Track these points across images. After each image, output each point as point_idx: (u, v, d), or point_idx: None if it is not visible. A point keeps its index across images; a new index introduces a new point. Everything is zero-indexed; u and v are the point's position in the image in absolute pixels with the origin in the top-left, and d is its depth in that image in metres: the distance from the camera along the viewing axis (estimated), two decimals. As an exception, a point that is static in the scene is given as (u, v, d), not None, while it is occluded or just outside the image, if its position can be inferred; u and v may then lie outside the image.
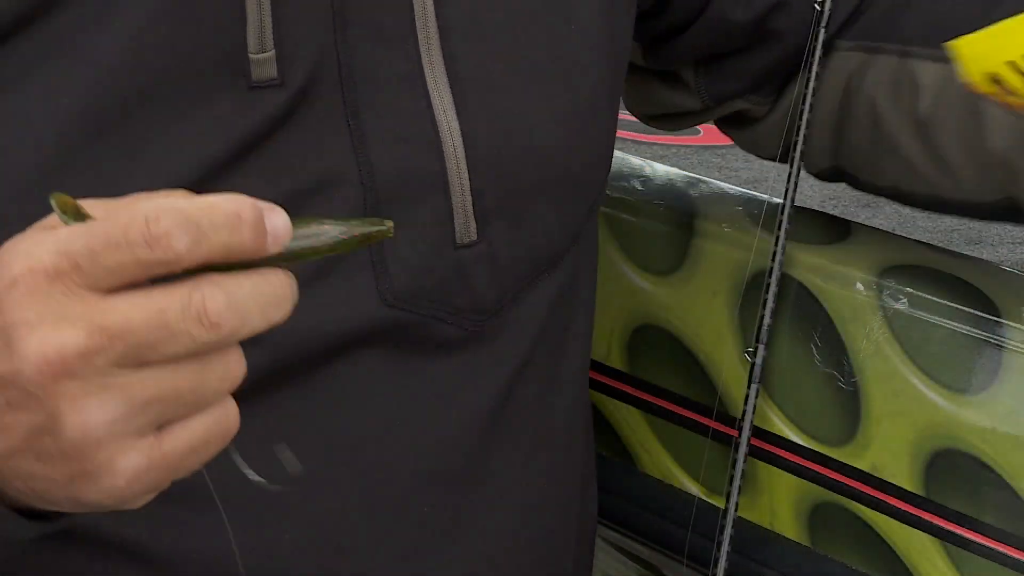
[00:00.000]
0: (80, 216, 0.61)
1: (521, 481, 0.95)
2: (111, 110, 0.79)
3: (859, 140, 1.06)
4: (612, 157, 1.00)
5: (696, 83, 1.09)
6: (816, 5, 1.02)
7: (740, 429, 1.00)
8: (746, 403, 1.00)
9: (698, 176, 1.18)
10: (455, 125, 0.87)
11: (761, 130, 1.11)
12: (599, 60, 0.94)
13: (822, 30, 1.02)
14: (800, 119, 1.02)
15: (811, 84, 1.02)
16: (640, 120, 1.18)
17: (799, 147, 1.02)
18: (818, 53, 1.02)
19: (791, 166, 1.03)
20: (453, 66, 0.87)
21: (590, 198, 0.96)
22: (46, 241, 0.60)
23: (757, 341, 1.01)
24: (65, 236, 0.60)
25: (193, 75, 0.81)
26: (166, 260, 0.59)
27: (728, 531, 0.98)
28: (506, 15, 0.90)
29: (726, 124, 1.14)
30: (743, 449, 0.99)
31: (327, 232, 0.64)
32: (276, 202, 0.84)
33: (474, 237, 0.88)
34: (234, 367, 0.62)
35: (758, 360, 1.01)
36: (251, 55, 0.82)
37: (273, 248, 0.61)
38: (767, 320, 1.01)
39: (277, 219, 0.61)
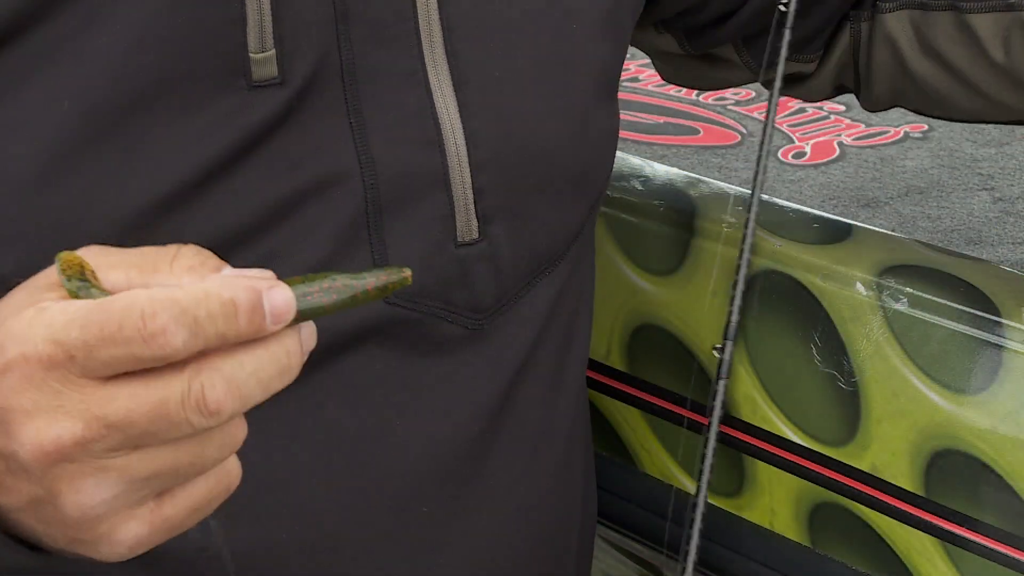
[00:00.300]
0: (83, 278, 0.60)
1: (522, 480, 0.95)
2: (112, 110, 0.79)
3: (930, 89, 1.10)
4: (614, 156, 1.00)
5: (742, 58, 1.11)
6: (781, 6, 1.02)
7: (709, 423, 1.00)
8: (713, 399, 1.00)
9: (698, 176, 1.18)
10: (457, 124, 0.87)
11: (814, 85, 1.15)
12: (601, 59, 0.94)
13: (787, 31, 1.01)
14: (768, 117, 1.02)
15: (777, 84, 1.02)
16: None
17: (765, 147, 1.02)
18: (783, 52, 1.01)
19: (757, 166, 1.03)
20: (456, 64, 0.87)
21: (592, 197, 0.96)
22: (39, 326, 0.59)
23: (725, 338, 1.01)
24: (60, 325, 0.59)
25: (193, 75, 0.81)
26: (163, 356, 0.58)
27: (699, 520, 0.98)
28: (509, 14, 0.89)
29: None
30: (711, 445, 0.99)
31: (339, 288, 0.62)
32: (278, 201, 0.84)
33: (476, 235, 0.88)
34: (236, 433, 0.62)
35: (726, 356, 1.01)
36: (251, 54, 0.81)
37: (273, 327, 0.60)
38: (735, 317, 1.01)
39: (277, 298, 0.60)
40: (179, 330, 0.58)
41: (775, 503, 1.04)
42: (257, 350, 0.60)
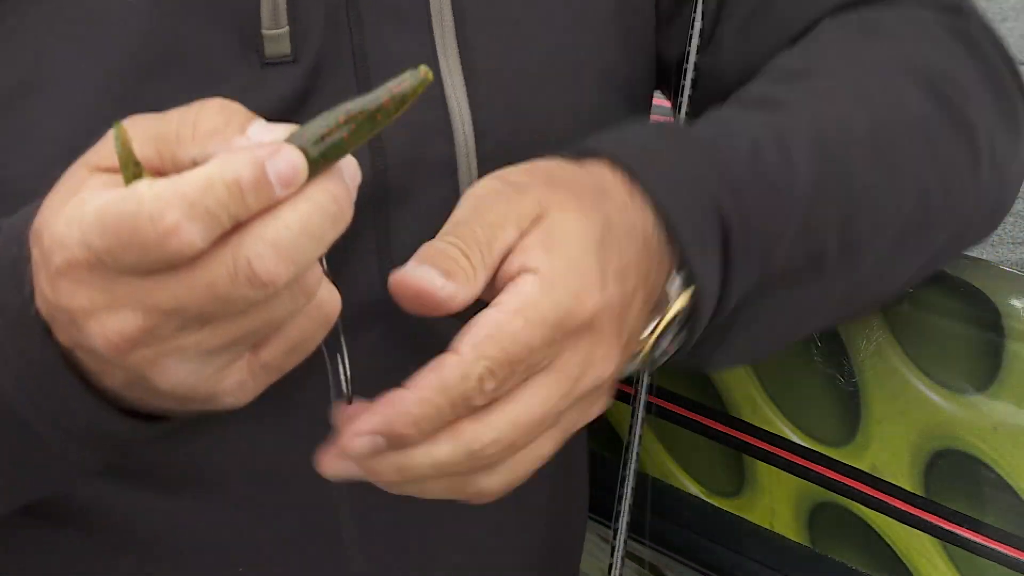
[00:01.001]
0: (134, 164, 0.61)
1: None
2: (132, 76, 0.80)
3: None
4: None
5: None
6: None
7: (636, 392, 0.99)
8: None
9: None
10: (467, 112, 0.86)
11: None
12: (614, 64, 0.94)
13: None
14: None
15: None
16: None
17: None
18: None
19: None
20: (468, 54, 0.87)
21: None
22: (75, 229, 0.61)
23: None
24: (87, 229, 0.60)
25: (208, 48, 0.81)
26: (185, 254, 0.59)
27: (629, 485, 0.98)
28: (523, 7, 0.89)
29: None
30: (640, 412, 0.98)
31: (354, 115, 0.61)
32: None
33: None
34: (308, 282, 0.62)
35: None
36: (264, 31, 0.81)
37: (285, 193, 0.60)
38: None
39: (281, 163, 0.60)
40: (192, 226, 0.58)
41: (775, 503, 1.04)
42: (299, 204, 0.60)
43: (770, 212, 0.81)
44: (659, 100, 1.03)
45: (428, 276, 0.70)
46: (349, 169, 0.63)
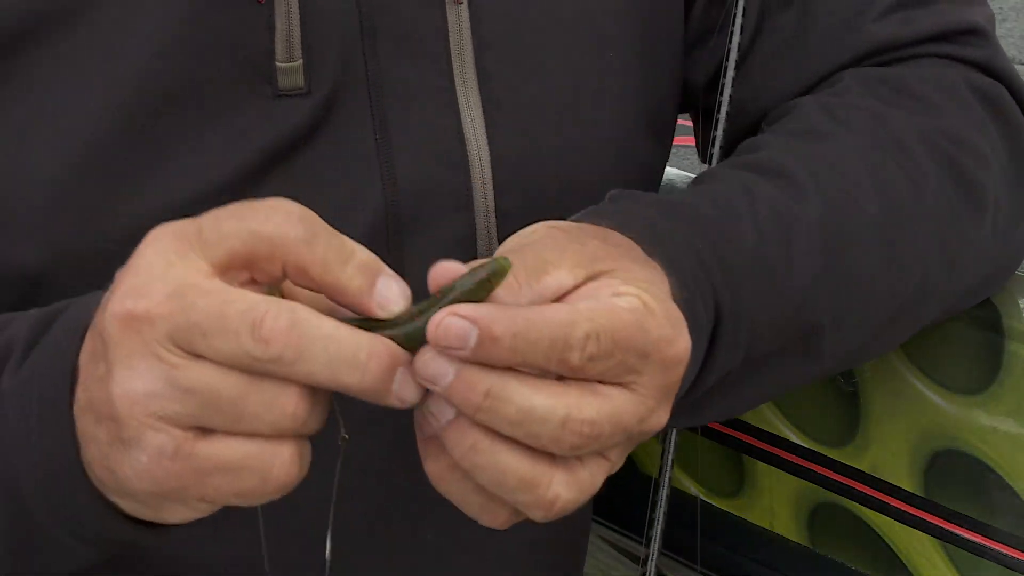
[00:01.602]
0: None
1: None
2: (140, 110, 0.80)
3: None
4: (656, 190, 0.98)
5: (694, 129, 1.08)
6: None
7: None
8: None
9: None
10: (484, 144, 0.86)
11: None
12: (637, 91, 0.93)
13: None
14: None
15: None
16: None
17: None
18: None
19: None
20: (487, 85, 0.86)
21: None
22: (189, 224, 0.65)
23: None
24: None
25: (221, 80, 0.81)
26: (279, 239, 0.64)
27: (661, 509, 0.97)
28: (544, 39, 0.88)
29: None
30: (672, 436, 0.98)
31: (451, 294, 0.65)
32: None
33: None
34: (285, 402, 0.62)
35: None
36: (278, 63, 0.81)
37: (378, 309, 0.64)
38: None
39: (392, 289, 0.65)
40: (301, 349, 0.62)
41: (775, 503, 1.04)
42: (337, 327, 0.62)
43: (764, 304, 0.80)
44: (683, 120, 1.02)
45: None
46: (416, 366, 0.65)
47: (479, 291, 0.64)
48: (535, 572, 0.98)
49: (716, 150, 0.95)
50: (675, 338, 0.68)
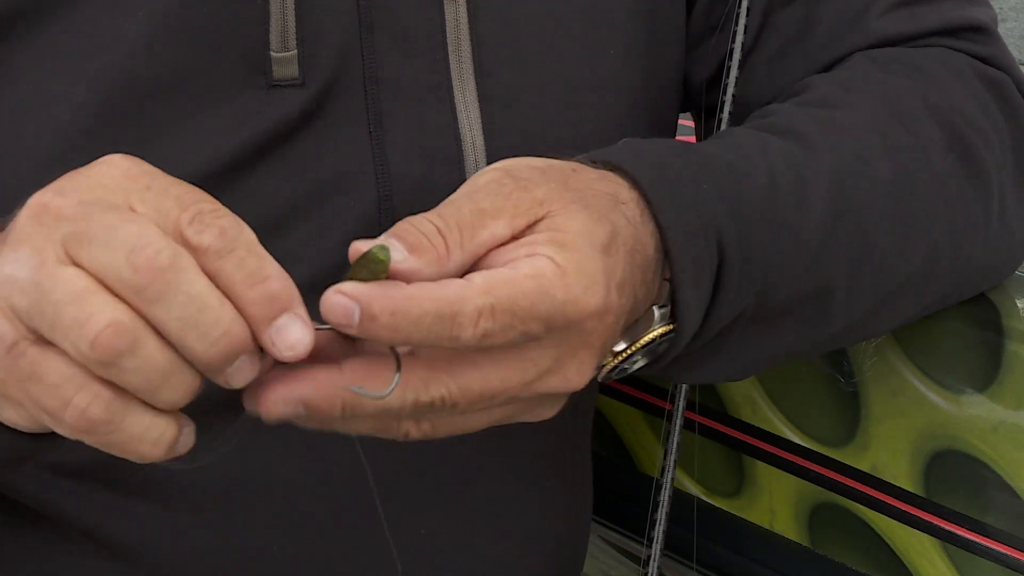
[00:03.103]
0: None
1: (528, 486, 0.95)
2: (129, 97, 0.80)
3: None
4: None
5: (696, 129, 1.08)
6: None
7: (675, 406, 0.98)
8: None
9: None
10: (480, 141, 0.86)
11: None
12: (637, 89, 0.93)
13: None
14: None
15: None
16: None
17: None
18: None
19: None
20: (483, 81, 0.86)
21: None
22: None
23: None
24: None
25: (213, 69, 0.81)
26: (195, 241, 0.62)
27: (663, 510, 0.97)
28: (542, 35, 0.88)
29: None
30: (677, 423, 0.98)
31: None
32: (292, 203, 0.84)
33: None
34: (106, 335, 0.60)
35: None
36: (272, 53, 0.81)
37: (269, 343, 0.62)
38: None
39: (294, 325, 0.62)
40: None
41: (775, 503, 1.04)
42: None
43: (776, 250, 0.79)
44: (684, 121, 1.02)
45: (390, 254, 0.66)
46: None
47: (366, 273, 0.64)
48: (535, 572, 0.98)
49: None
50: (582, 297, 0.67)
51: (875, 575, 0.99)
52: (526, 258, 0.67)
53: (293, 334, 0.62)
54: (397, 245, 0.65)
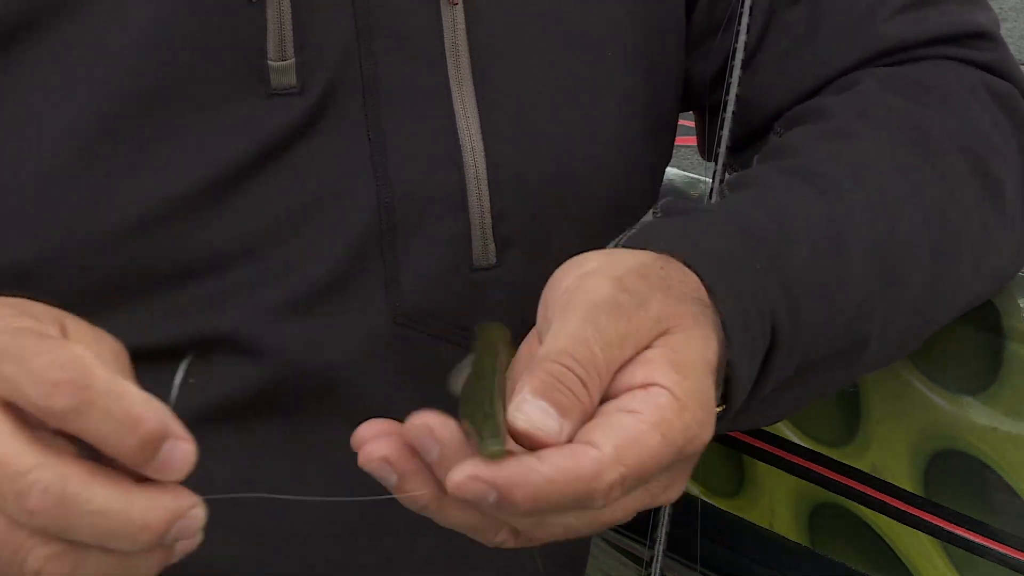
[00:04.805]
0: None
1: None
2: (129, 106, 0.80)
3: None
4: (657, 190, 0.98)
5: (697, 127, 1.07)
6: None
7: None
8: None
9: (698, 176, 1.17)
10: (479, 145, 0.85)
11: None
12: (637, 90, 0.92)
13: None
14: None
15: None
16: None
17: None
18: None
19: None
20: (482, 85, 0.86)
21: (621, 227, 0.94)
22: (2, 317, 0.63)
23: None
24: (7, 327, 0.62)
25: (211, 78, 0.81)
26: (40, 407, 0.60)
27: (665, 510, 0.97)
28: (542, 38, 0.88)
29: None
30: None
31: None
32: (291, 212, 0.84)
33: (492, 261, 0.86)
34: (48, 567, 0.60)
35: None
36: (271, 62, 0.81)
37: (152, 473, 0.60)
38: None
39: (178, 451, 0.61)
40: (68, 397, 0.59)
41: (775, 503, 1.04)
42: (116, 499, 0.60)
43: (820, 318, 0.80)
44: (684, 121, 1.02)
45: (542, 421, 0.65)
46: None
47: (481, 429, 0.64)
48: (537, 573, 0.98)
49: (722, 149, 0.95)
50: (701, 433, 0.68)
51: (875, 575, 0.99)
52: (644, 392, 0.67)
53: (177, 457, 0.61)
54: (552, 412, 0.65)
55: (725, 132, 0.94)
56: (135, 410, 0.60)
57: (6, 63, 0.79)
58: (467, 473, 0.62)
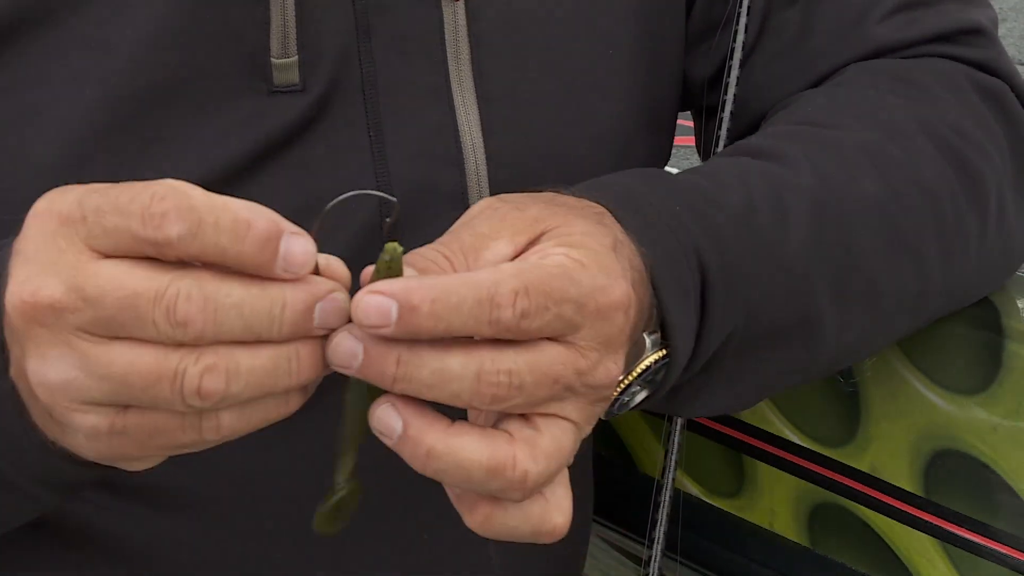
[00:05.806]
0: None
1: None
2: (133, 102, 0.80)
3: None
4: None
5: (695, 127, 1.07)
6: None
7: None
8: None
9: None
10: (479, 142, 0.86)
11: None
12: (640, 87, 0.93)
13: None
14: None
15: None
16: None
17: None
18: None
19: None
20: (482, 82, 0.86)
21: None
22: (75, 190, 0.62)
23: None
24: (87, 190, 0.61)
25: (214, 75, 0.81)
26: (155, 240, 0.60)
27: (664, 511, 0.97)
28: (541, 36, 0.88)
29: None
30: (677, 424, 0.98)
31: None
32: (293, 209, 0.84)
33: None
34: (205, 382, 0.61)
35: None
36: (273, 59, 0.81)
37: (282, 272, 0.61)
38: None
39: (296, 245, 0.61)
40: (177, 222, 0.59)
41: (775, 503, 1.04)
42: (252, 287, 0.61)
43: (759, 269, 0.79)
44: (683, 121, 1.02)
45: (405, 281, 0.64)
46: (327, 307, 0.63)
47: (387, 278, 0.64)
48: (536, 573, 0.98)
49: (720, 149, 0.95)
50: (609, 286, 0.67)
51: (875, 575, 0.99)
52: (542, 258, 0.67)
53: (294, 250, 0.61)
54: (408, 269, 0.65)
55: (723, 132, 0.94)
56: (243, 215, 0.60)
57: (9, 59, 0.79)
58: (366, 289, 0.62)
